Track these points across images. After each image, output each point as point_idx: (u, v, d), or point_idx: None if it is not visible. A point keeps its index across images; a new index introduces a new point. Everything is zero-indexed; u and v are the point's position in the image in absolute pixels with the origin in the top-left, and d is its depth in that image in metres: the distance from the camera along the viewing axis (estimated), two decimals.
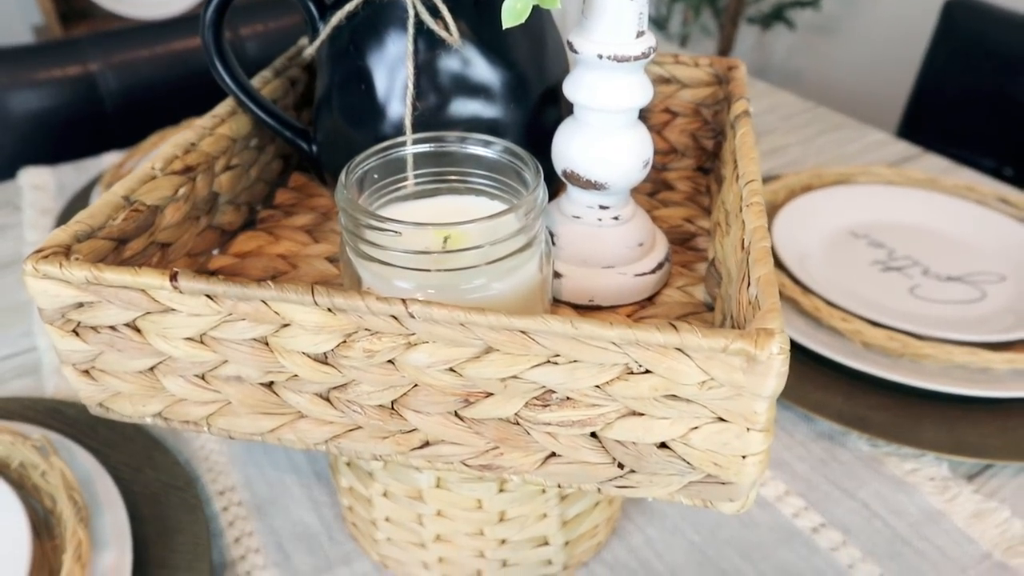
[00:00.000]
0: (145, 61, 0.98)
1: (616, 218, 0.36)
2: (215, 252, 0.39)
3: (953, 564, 0.43)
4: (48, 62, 0.94)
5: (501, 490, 0.37)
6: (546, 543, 0.40)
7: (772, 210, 0.66)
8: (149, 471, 0.47)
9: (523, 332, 0.25)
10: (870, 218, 0.67)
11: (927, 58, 1.17)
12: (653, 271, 0.36)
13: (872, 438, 0.49)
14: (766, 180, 0.71)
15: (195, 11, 1.64)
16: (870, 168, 0.72)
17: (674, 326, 0.24)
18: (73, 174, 0.81)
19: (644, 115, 0.46)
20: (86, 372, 0.31)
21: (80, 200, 0.75)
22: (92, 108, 0.96)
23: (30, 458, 0.44)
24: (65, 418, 0.51)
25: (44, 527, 0.42)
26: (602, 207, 0.36)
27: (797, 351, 0.54)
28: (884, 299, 0.58)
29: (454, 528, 0.39)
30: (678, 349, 0.24)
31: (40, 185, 0.80)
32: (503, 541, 0.39)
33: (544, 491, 0.38)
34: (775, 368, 0.24)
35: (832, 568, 0.43)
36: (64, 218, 0.73)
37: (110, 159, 0.84)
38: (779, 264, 0.60)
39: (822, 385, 0.52)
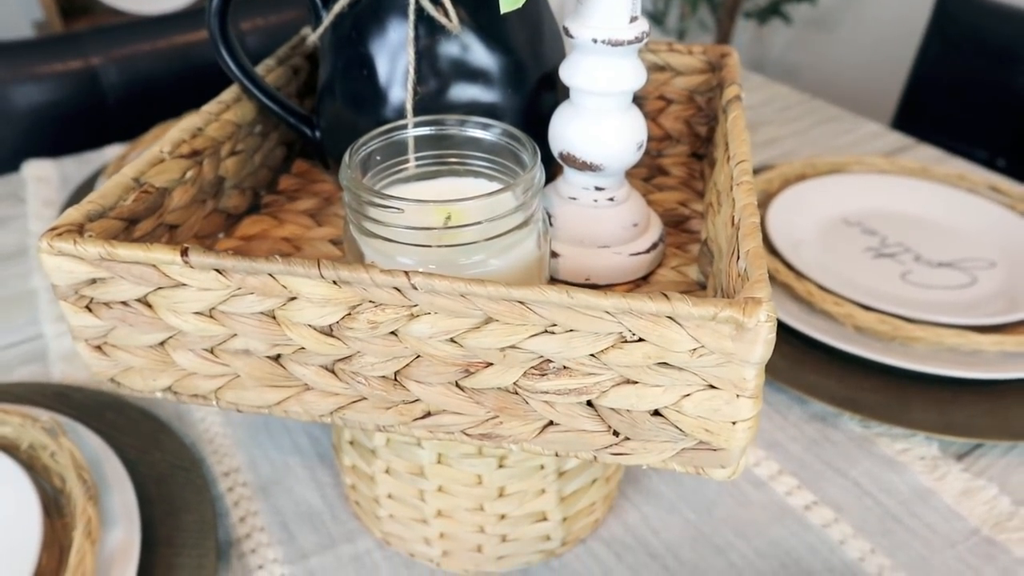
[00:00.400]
0: (146, 55, 0.99)
1: (611, 199, 0.37)
2: (221, 235, 0.40)
3: (942, 540, 0.44)
4: (50, 56, 0.95)
5: (501, 466, 0.38)
6: (544, 519, 0.41)
7: (767, 199, 0.67)
8: (156, 453, 0.48)
9: (521, 302, 0.26)
10: (863, 206, 0.68)
11: (921, 51, 1.18)
12: (647, 251, 0.37)
13: (864, 419, 0.50)
14: (761, 170, 0.72)
15: (195, 6, 1.64)
16: (863, 158, 0.73)
17: (666, 295, 0.25)
18: (75, 167, 0.82)
19: (639, 101, 0.47)
20: (98, 348, 0.32)
21: (83, 192, 0.76)
22: (94, 101, 0.97)
23: (39, 439, 0.45)
24: (72, 402, 0.52)
25: (54, 506, 0.43)
26: (598, 188, 0.37)
27: (791, 335, 0.55)
28: (876, 284, 0.59)
29: (455, 504, 0.40)
30: (670, 318, 0.25)
31: (43, 177, 0.81)
32: (503, 516, 0.40)
33: (542, 467, 0.39)
34: (763, 335, 0.25)
35: (824, 544, 0.44)
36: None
37: (112, 152, 0.85)
38: (773, 251, 0.61)
39: (815, 368, 0.53)
